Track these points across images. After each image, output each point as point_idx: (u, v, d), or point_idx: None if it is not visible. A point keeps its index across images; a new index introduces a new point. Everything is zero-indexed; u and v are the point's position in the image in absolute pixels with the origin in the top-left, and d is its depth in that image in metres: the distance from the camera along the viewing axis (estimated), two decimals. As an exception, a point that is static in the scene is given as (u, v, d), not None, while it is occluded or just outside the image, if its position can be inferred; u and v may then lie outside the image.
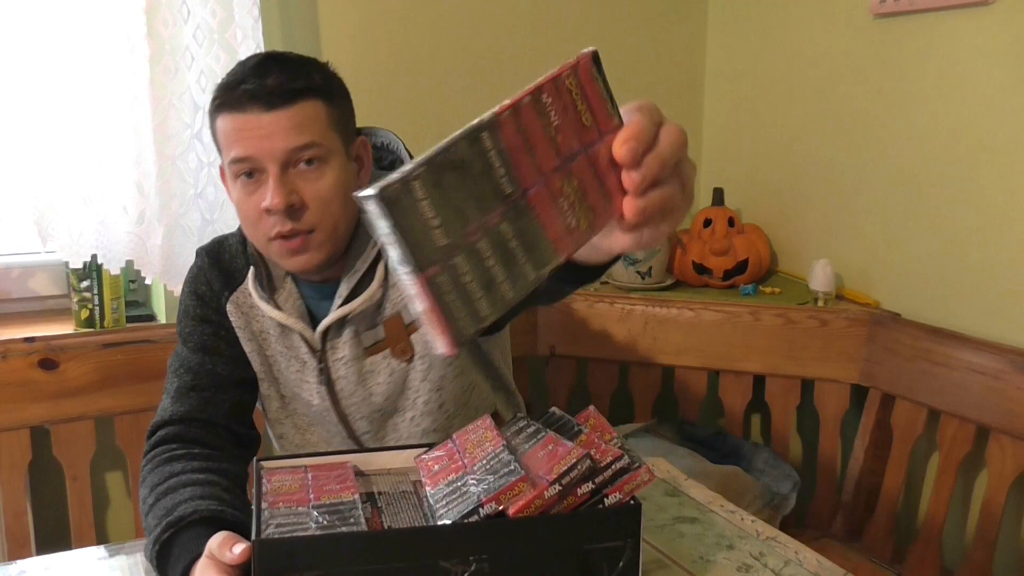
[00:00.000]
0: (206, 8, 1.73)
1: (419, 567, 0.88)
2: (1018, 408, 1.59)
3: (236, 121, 1.11)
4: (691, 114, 2.44)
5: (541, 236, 0.55)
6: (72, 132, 1.68)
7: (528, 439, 0.99)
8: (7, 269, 1.92)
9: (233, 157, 1.12)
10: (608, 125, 0.58)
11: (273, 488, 0.96)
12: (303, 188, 1.13)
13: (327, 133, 1.14)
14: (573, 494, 0.90)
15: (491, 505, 0.87)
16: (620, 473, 0.92)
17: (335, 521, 0.90)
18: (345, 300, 1.21)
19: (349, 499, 0.94)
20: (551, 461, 0.91)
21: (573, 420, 1.03)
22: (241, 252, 1.27)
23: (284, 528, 0.88)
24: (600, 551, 0.92)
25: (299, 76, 1.12)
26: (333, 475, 1.00)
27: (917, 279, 1.90)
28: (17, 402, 1.65)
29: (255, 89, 1.10)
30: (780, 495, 1.87)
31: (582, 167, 0.57)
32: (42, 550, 1.64)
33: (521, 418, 1.05)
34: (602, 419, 1.03)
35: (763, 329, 1.96)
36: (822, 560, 1.09)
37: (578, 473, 0.89)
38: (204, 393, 1.23)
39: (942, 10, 1.78)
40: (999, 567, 1.69)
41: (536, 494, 0.88)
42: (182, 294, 1.30)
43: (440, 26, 2.09)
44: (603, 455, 0.92)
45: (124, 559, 1.08)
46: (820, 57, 2.08)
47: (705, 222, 2.17)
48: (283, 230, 1.12)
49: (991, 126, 1.72)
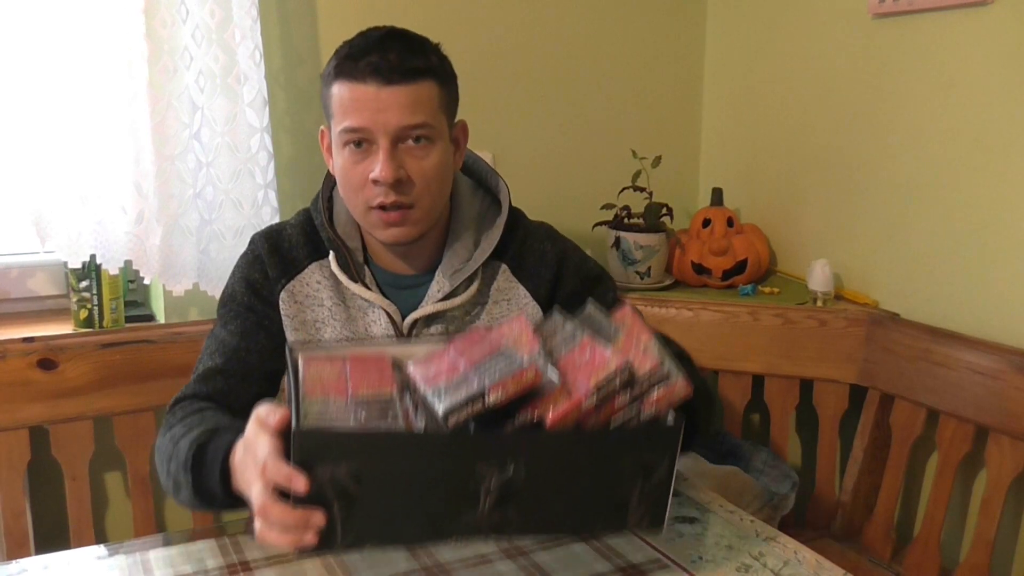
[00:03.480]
0: (204, 8, 1.73)
1: (456, 468, 0.88)
2: (1017, 408, 1.59)
3: (355, 91, 1.15)
4: (691, 114, 2.44)
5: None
6: (70, 132, 1.68)
7: (564, 342, 0.98)
8: (6, 269, 1.92)
9: (346, 126, 1.16)
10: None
11: (311, 376, 0.95)
12: (409, 164, 1.17)
13: (437, 114, 1.19)
14: (610, 404, 0.90)
15: (498, 392, 0.87)
16: (658, 384, 0.91)
17: (373, 416, 0.90)
18: (445, 296, 1.25)
19: (388, 394, 0.94)
20: (589, 368, 0.90)
21: (609, 320, 1.01)
22: (303, 243, 1.29)
23: (323, 419, 0.89)
24: (636, 464, 0.92)
25: (419, 55, 1.17)
26: (372, 367, 0.99)
27: (916, 279, 1.90)
28: (16, 402, 1.65)
29: (377, 63, 1.14)
30: (779, 495, 1.87)
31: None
32: (41, 550, 1.63)
33: (558, 315, 1.04)
34: (638, 320, 1.01)
35: (762, 329, 1.96)
36: (821, 560, 1.09)
37: (617, 383, 0.89)
38: (231, 380, 1.23)
39: (941, 10, 1.78)
40: (997, 567, 1.69)
41: (574, 404, 0.88)
42: (232, 277, 1.31)
43: (439, 26, 2.08)
44: (641, 363, 0.91)
45: (123, 558, 1.07)
46: (819, 57, 2.08)
47: (704, 222, 2.17)
48: (386, 201, 1.17)
49: (990, 126, 1.72)
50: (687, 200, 2.42)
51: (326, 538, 0.87)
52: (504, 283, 1.30)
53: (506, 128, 2.20)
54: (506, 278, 1.31)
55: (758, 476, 1.91)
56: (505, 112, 2.20)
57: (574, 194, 2.27)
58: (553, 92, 2.25)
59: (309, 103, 1.98)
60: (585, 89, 2.29)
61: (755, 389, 2.03)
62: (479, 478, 0.88)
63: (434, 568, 1.03)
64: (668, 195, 2.21)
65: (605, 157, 2.30)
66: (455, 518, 0.90)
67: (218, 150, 1.78)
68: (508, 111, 2.20)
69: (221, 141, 1.78)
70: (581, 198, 2.22)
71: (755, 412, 2.22)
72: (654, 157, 2.14)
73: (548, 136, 2.26)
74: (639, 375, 0.90)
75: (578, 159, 2.30)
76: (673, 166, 2.33)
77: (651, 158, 2.14)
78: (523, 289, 1.31)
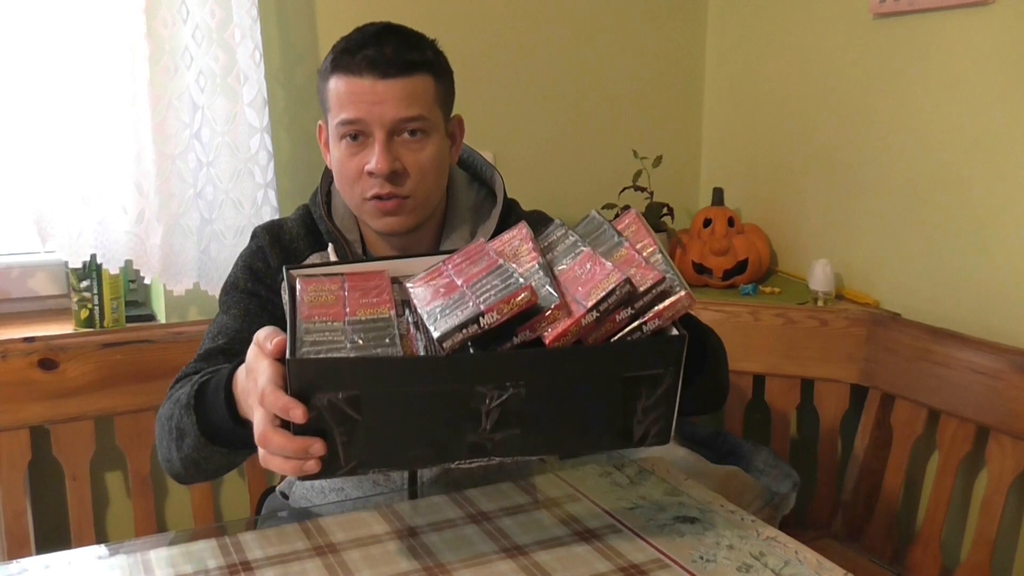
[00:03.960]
0: (204, 8, 1.73)
1: (455, 391, 0.87)
2: (1018, 408, 1.59)
3: (351, 84, 1.17)
4: (691, 114, 2.44)
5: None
6: (71, 132, 1.68)
7: (565, 253, 0.96)
8: (7, 269, 1.92)
9: (343, 119, 1.18)
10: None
11: (309, 299, 0.94)
12: (405, 156, 1.19)
13: (432, 108, 1.21)
14: (611, 320, 0.88)
15: (492, 315, 0.85)
16: (660, 297, 0.89)
17: (371, 340, 0.88)
18: None
19: (385, 315, 0.92)
20: (589, 284, 0.88)
21: (613, 228, 0.99)
22: (303, 235, 1.30)
23: (320, 346, 0.87)
24: (639, 379, 0.90)
25: (415, 49, 1.19)
26: (370, 286, 0.98)
27: (917, 279, 1.90)
28: (17, 402, 1.65)
29: (374, 56, 1.16)
30: (780, 495, 1.87)
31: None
32: (42, 550, 1.64)
33: (560, 226, 1.02)
34: (642, 225, 0.98)
35: (763, 329, 1.96)
36: (822, 560, 1.09)
37: (617, 298, 0.87)
38: (233, 360, 1.22)
39: (942, 10, 1.78)
40: (998, 567, 1.69)
41: (573, 321, 0.86)
42: (235, 268, 1.32)
43: (438, 26, 2.08)
44: (643, 276, 0.89)
45: (124, 558, 1.07)
46: (820, 57, 2.08)
47: (705, 222, 2.17)
48: (381, 192, 1.19)
49: (991, 126, 1.72)
50: (688, 200, 2.42)
51: (329, 464, 0.87)
52: None
53: (507, 128, 2.20)
54: None
55: (759, 476, 1.91)
56: (506, 112, 2.20)
57: (575, 194, 2.27)
58: (554, 92, 2.25)
59: (308, 102, 1.98)
60: (586, 89, 2.29)
61: (756, 389, 2.03)
62: (479, 399, 0.87)
63: (434, 568, 1.03)
64: (669, 195, 2.21)
65: (606, 157, 2.30)
66: (458, 440, 0.89)
67: (218, 150, 1.78)
68: (509, 111, 2.20)
69: (221, 141, 1.78)
70: (582, 198, 2.22)
71: (756, 412, 2.22)
72: (655, 157, 2.14)
73: (549, 136, 2.26)
74: (640, 289, 0.88)
75: (579, 159, 2.30)
76: (674, 166, 2.33)
77: (652, 158, 2.14)
78: None
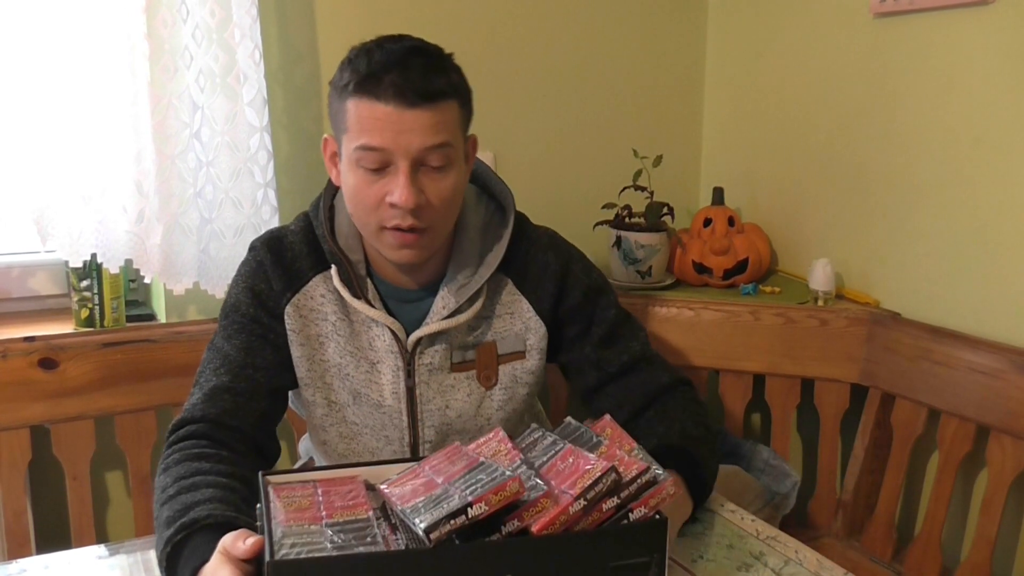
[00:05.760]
0: (204, 8, 1.73)
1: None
2: (1018, 408, 1.59)
3: (375, 110, 1.12)
4: (691, 114, 2.44)
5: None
6: (71, 131, 1.68)
7: (545, 451, 0.96)
8: (7, 268, 1.92)
9: (365, 144, 1.13)
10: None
11: (283, 504, 0.93)
12: (428, 187, 1.15)
13: (456, 134, 1.17)
14: (598, 509, 0.88)
15: (480, 506, 0.84)
16: (645, 487, 0.90)
17: (351, 540, 0.87)
18: (451, 313, 1.24)
19: (364, 516, 0.91)
20: (574, 475, 0.88)
21: (590, 431, 1.00)
22: (306, 253, 1.27)
23: (299, 548, 0.85)
24: (626, 567, 0.90)
25: (440, 75, 1.15)
26: (344, 491, 0.97)
27: (917, 278, 1.90)
28: (17, 401, 1.65)
29: (401, 84, 1.11)
30: (780, 494, 1.87)
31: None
32: (42, 549, 1.64)
33: (535, 429, 1.02)
34: (619, 429, 1.01)
35: (763, 328, 1.96)
36: (822, 559, 1.09)
37: (603, 487, 0.87)
38: (239, 398, 1.21)
39: (942, 10, 1.78)
40: (999, 567, 1.69)
41: (561, 510, 0.86)
42: (235, 286, 1.28)
43: (438, 27, 2.09)
44: (627, 468, 0.90)
45: (124, 558, 1.07)
46: (820, 57, 2.08)
47: (705, 221, 2.17)
48: (403, 224, 1.15)
49: (991, 126, 1.72)
50: (688, 199, 2.42)
51: None
52: (508, 296, 1.30)
53: (507, 127, 2.20)
54: (510, 291, 1.30)
55: (759, 475, 1.91)
56: (506, 111, 2.20)
57: (575, 193, 2.27)
58: (554, 91, 2.25)
59: (308, 102, 1.98)
60: (586, 88, 2.28)
61: (756, 388, 2.03)
62: None
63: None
64: (669, 194, 2.20)
65: (606, 156, 2.30)
66: None
67: (218, 149, 1.78)
68: (509, 110, 2.20)
69: (221, 140, 1.78)
70: (582, 197, 2.22)
71: (756, 411, 2.22)
72: (655, 156, 2.14)
73: (549, 135, 2.26)
74: (626, 479, 0.89)
75: (579, 158, 2.30)
76: (674, 165, 2.33)
77: (652, 157, 2.14)
78: (526, 303, 1.30)
